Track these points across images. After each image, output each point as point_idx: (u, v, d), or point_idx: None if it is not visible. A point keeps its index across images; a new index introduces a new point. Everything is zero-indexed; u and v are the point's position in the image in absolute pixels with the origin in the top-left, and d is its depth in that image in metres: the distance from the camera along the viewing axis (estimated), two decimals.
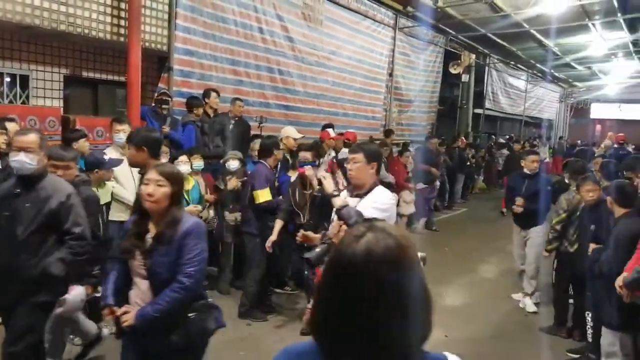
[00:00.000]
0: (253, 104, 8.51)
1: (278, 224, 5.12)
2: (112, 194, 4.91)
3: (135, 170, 5.39)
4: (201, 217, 5.55)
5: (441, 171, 11.33)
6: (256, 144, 6.40)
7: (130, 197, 5.35)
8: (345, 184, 7.00)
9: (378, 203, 3.31)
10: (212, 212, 5.94)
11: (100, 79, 7.26)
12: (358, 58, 11.26)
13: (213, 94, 7.19)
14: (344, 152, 7.71)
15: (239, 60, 8.32)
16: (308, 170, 4.85)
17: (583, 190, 4.86)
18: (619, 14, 11.82)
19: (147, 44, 6.86)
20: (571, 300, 5.45)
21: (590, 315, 4.50)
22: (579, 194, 5.14)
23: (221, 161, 6.24)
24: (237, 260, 6.24)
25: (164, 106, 6.67)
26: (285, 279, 6.34)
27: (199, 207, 5.43)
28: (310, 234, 4.07)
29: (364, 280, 1.08)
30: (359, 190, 3.44)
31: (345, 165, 3.93)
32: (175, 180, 2.73)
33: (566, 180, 6.17)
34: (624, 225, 4.03)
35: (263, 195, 5.21)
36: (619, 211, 4.16)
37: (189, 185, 5.43)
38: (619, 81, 22.89)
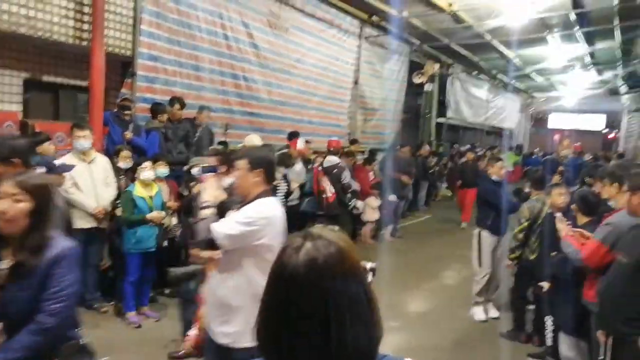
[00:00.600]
0: (217, 110, 8.43)
1: None
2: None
3: (99, 174, 5.33)
4: (164, 224, 5.50)
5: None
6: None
7: (90, 203, 5.27)
8: (332, 191, 7.03)
9: (241, 216, 2.84)
10: (174, 220, 5.87)
11: (61, 83, 7.10)
12: (323, 66, 11.28)
13: (176, 105, 7.10)
14: (330, 160, 7.82)
15: (204, 67, 8.25)
16: (207, 179, 3.64)
17: (555, 193, 4.95)
18: (576, 28, 12.21)
19: (110, 48, 6.74)
20: (531, 307, 5.56)
21: (551, 319, 4.59)
22: (546, 201, 5.26)
23: (184, 168, 6.18)
24: None
25: (126, 112, 6.59)
26: None
27: (162, 214, 5.38)
28: (199, 253, 3.36)
29: (307, 291, 1.07)
30: (244, 202, 3.00)
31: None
32: (39, 194, 2.22)
33: (526, 190, 6.29)
34: None
35: None
36: (582, 219, 4.26)
37: (152, 191, 5.38)
38: (576, 92, 23.55)
